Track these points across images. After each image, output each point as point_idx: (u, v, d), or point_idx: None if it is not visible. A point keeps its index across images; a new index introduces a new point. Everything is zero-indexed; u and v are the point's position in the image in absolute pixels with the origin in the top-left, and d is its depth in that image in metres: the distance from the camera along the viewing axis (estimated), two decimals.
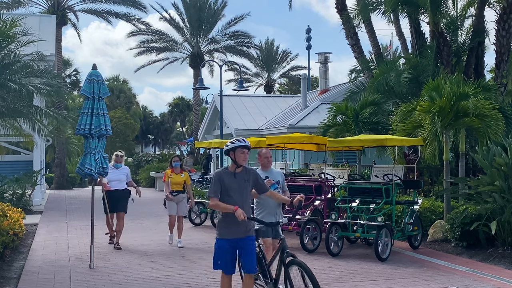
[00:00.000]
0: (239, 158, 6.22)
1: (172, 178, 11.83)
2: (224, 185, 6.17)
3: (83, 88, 9.84)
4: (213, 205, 6.23)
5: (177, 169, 11.89)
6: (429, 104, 12.10)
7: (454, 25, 17.41)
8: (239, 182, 6.24)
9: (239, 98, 29.67)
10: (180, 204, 11.82)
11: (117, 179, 11.69)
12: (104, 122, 9.71)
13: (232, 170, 6.26)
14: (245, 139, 6.37)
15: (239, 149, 6.22)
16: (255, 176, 6.42)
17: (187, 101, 69.51)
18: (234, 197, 6.17)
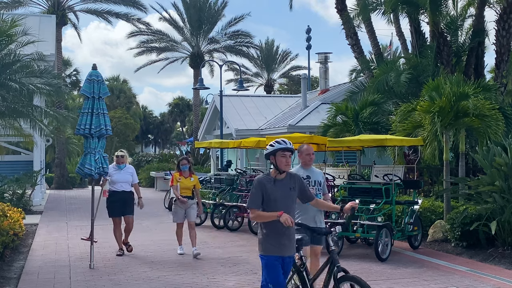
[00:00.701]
0: (280, 163, 5.38)
1: (181, 182, 10.74)
2: (266, 194, 5.33)
3: (83, 88, 9.84)
4: (254, 217, 5.39)
5: (186, 172, 10.82)
6: (429, 104, 12.10)
7: (454, 25, 17.42)
8: (283, 190, 5.39)
9: (239, 98, 29.67)
10: (189, 210, 10.75)
11: (122, 180, 10.84)
12: (104, 122, 9.71)
13: (274, 176, 5.42)
14: (288, 141, 5.49)
15: (280, 153, 5.38)
16: (300, 183, 5.58)
17: (187, 101, 69.56)
18: (278, 207, 5.32)
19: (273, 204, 5.32)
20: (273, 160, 5.41)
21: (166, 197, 19.88)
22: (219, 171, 18.65)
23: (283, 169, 5.40)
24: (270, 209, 5.29)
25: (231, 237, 13.04)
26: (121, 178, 10.84)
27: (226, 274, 9.11)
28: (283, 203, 5.36)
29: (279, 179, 5.40)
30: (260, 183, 5.36)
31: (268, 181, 5.37)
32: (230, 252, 11.15)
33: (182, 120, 72.83)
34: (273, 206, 5.31)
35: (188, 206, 10.74)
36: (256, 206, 5.35)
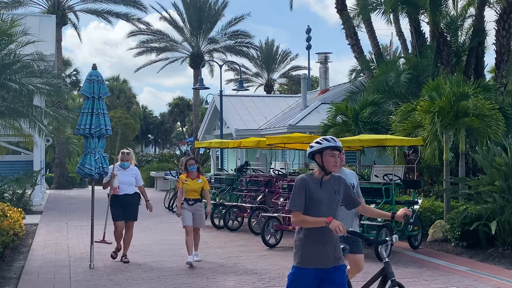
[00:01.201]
0: (328, 163, 4.73)
1: (188, 184, 9.98)
2: (310, 196, 4.71)
3: (83, 88, 9.85)
4: (298, 221, 4.72)
5: (194, 173, 10.07)
6: (429, 104, 12.11)
7: (454, 25, 17.43)
8: (328, 193, 4.77)
9: (239, 98, 29.67)
10: (197, 215, 10.01)
11: (125, 181, 10.10)
12: (104, 122, 9.71)
13: (319, 177, 4.79)
14: (336, 138, 4.88)
15: (328, 151, 4.74)
16: (345, 186, 4.93)
17: (187, 101, 69.54)
18: (322, 212, 4.69)
19: (316, 207, 4.70)
20: (318, 159, 4.76)
21: (166, 197, 19.89)
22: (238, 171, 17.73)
23: (330, 170, 4.77)
24: (312, 213, 4.68)
25: (231, 237, 13.04)
26: (123, 180, 10.10)
27: (226, 274, 9.11)
28: (328, 208, 4.74)
29: (325, 180, 4.80)
30: (303, 183, 4.74)
31: (312, 181, 4.76)
32: (230, 252, 11.15)
33: (182, 120, 72.83)
34: (316, 210, 4.70)
35: (196, 210, 10.01)
36: (299, 208, 4.70)
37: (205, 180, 10.29)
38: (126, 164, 10.30)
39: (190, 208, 9.97)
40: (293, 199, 4.76)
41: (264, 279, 8.72)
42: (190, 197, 9.99)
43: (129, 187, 10.18)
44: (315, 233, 4.68)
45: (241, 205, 14.30)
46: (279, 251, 11.18)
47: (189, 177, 10.08)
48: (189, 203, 9.98)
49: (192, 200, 10.00)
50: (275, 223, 11.83)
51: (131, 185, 10.21)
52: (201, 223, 10.12)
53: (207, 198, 10.36)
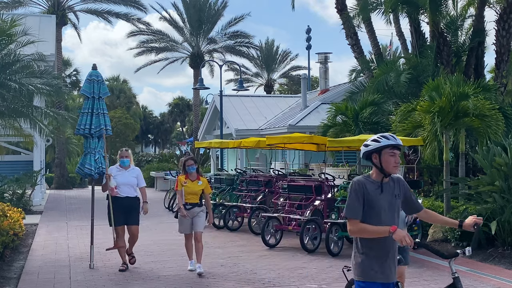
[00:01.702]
0: (387, 164, 4.18)
1: (187, 186, 9.16)
2: (368, 201, 4.17)
3: (83, 88, 9.85)
4: (356, 230, 4.16)
5: (193, 174, 9.23)
6: (429, 104, 12.11)
7: (454, 25, 17.43)
8: (389, 197, 4.23)
9: (239, 98, 29.67)
10: (197, 219, 9.21)
11: (126, 182, 9.37)
12: (104, 122, 9.72)
13: (378, 179, 4.24)
14: (395, 136, 4.30)
15: (388, 151, 4.19)
16: (405, 189, 4.37)
17: (187, 101, 69.54)
18: (383, 219, 4.18)
19: (376, 214, 4.16)
20: (376, 159, 4.21)
21: (166, 197, 19.89)
22: None
23: (390, 172, 4.21)
24: (372, 221, 4.14)
25: (231, 237, 13.04)
26: (124, 181, 9.37)
27: (226, 274, 9.11)
28: (389, 214, 4.21)
29: (385, 183, 4.24)
30: (360, 186, 4.18)
31: (370, 184, 4.20)
32: (230, 252, 11.15)
33: (182, 120, 72.82)
34: (376, 217, 4.15)
35: (195, 215, 9.23)
36: (356, 215, 4.15)
37: (206, 182, 9.39)
38: (126, 161, 9.50)
39: (188, 213, 9.16)
40: (349, 205, 4.18)
41: (264, 279, 8.72)
42: (188, 201, 9.18)
43: (131, 189, 9.43)
44: (376, 244, 4.16)
45: (241, 205, 14.29)
46: (279, 251, 11.18)
47: (188, 178, 9.21)
48: (186, 208, 9.15)
49: (190, 205, 9.17)
50: (275, 223, 11.83)
51: (133, 187, 9.46)
52: (201, 226, 9.22)
53: (208, 204, 9.45)
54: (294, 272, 9.19)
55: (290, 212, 11.84)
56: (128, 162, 9.54)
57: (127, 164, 9.53)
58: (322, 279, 8.66)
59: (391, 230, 4.02)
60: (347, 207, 4.20)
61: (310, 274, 9.05)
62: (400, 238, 3.98)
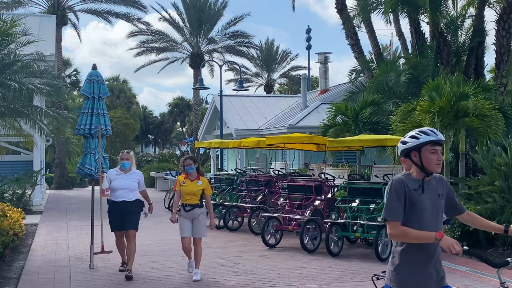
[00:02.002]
0: (429, 161, 3.81)
1: (186, 186, 8.62)
2: (410, 201, 3.80)
3: (83, 88, 9.86)
4: (397, 234, 3.78)
5: (193, 174, 8.72)
6: (429, 104, 12.11)
7: (454, 25, 17.44)
8: (432, 197, 3.86)
9: (239, 98, 29.67)
10: (197, 222, 8.65)
11: (124, 186, 8.93)
12: (104, 122, 9.72)
13: (419, 178, 3.86)
14: (436, 131, 3.90)
15: (429, 147, 3.81)
16: (448, 189, 4.01)
17: (187, 101, 69.53)
18: (426, 222, 3.80)
19: (418, 216, 3.79)
20: (415, 157, 3.84)
21: (166, 197, 19.90)
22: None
23: (432, 170, 3.83)
24: (414, 224, 3.77)
25: (231, 237, 13.04)
26: (122, 184, 8.92)
27: (226, 274, 9.11)
28: (433, 216, 3.85)
29: (426, 182, 3.88)
30: (401, 185, 3.81)
31: (412, 183, 3.83)
32: (230, 252, 11.15)
33: (182, 120, 72.82)
34: (418, 219, 3.79)
35: (195, 217, 8.67)
36: (397, 217, 3.77)
37: (206, 182, 8.82)
38: (127, 164, 9.06)
39: (187, 215, 8.64)
40: (389, 206, 3.80)
41: (264, 279, 8.72)
42: (187, 202, 8.62)
43: (129, 193, 8.93)
44: (418, 250, 3.79)
45: (241, 205, 14.29)
46: (279, 251, 11.18)
47: (187, 178, 8.72)
48: (186, 209, 8.62)
49: (190, 206, 8.61)
50: (275, 223, 11.82)
51: (132, 191, 8.96)
52: (201, 232, 8.70)
53: (209, 205, 8.86)
54: (294, 272, 9.19)
55: (290, 212, 11.84)
56: (128, 165, 9.07)
57: (127, 167, 9.06)
58: (322, 279, 8.66)
59: (438, 236, 3.66)
60: (387, 208, 3.82)
61: (310, 274, 9.05)
62: (448, 246, 3.62)
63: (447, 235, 3.66)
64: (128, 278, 8.71)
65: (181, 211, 8.69)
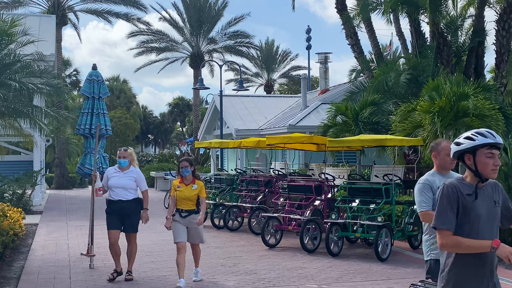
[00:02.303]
0: (484, 166, 3.52)
1: (181, 191, 8.15)
2: (464, 209, 3.51)
3: (83, 88, 9.87)
4: (449, 244, 3.50)
5: (188, 178, 8.21)
6: (429, 104, 12.11)
7: (454, 25, 17.43)
8: (487, 205, 3.57)
9: (239, 98, 29.67)
10: (193, 228, 8.25)
11: (120, 185, 8.58)
12: (104, 122, 9.73)
13: (473, 183, 3.56)
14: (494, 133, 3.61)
15: (485, 151, 3.52)
16: (504, 196, 3.71)
17: (187, 101, 69.56)
18: (480, 231, 3.53)
19: (471, 225, 3.51)
20: (469, 160, 3.54)
21: (166, 197, 19.91)
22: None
23: (488, 176, 3.54)
24: (468, 233, 3.49)
25: (231, 237, 13.04)
26: (117, 183, 8.58)
27: (226, 274, 9.11)
28: (488, 225, 3.56)
29: (481, 188, 3.58)
30: (454, 191, 3.51)
31: (465, 189, 3.53)
32: (230, 252, 11.15)
33: (182, 120, 72.82)
34: (472, 228, 3.51)
35: (192, 223, 8.23)
36: (449, 226, 3.48)
37: (202, 186, 8.32)
38: (124, 162, 8.66)
39: (183, 221, 8.18)
40: (440, 214, 3.51)
41: (264, 279, 8.72)
42: (183, 207, 8.15)
43: (125, 192, 8.58)
44: (473, 260, 3.52)
45: (241, 205, 14.30)
46: (279, 251, 11.18)
47: (182, 182, 8.24)
48: (181, 215, 8.16)
49: (186, 212, 8.15)
50: (275, 223, 11.83)
51: (129, 190, 8.61)
52: (199, 238, 8.39)
53: (202, 207, 8.30)
54: (294, 272, 9.20)
55: (290, 212, 11.84)
56: (125, 163, 8.68)
57: (125, 165, 8.69)
58: (322, 279, 8.67)
59: (494, 244, 3.39)
60: (438, 216, 3.51)
61: (310, 274, 9.05)
62: (507, 255, 3.37)
63: None
64: (128, 280, 8.60)
65: (175, 216, 8.19)
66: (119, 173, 8.66)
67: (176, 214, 8.20)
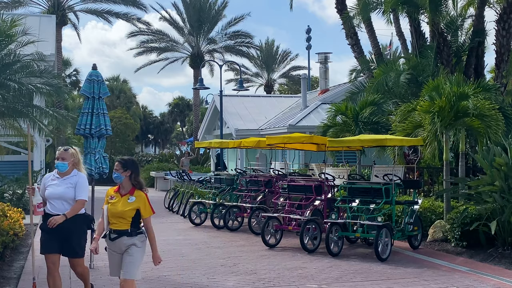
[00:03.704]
0: None
1: (113, 203, 6.01)
2: None
3: (83, 88, 9.86)
4: None
5: (124, 186, 6.06)
6: (429, 104, 12.11)
7: (454, 25, 17.43)
8: None
9: (239, 98, 29.68)
10: (127, 257, 6.02)
11: (57, 195, 6.66)
12: (104, 122, 9.72)
13: None
14: None
15: None
16: None
17: (187, 101, 69.57)
18: None
19: None
20: None
21: (166, 197, 19.93)
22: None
23: None
24: None
25: (231, 237, 13.04)
26: (53, 193, 6.69)
27: (226, 274, 9.11)
28: None
29: None
30: None
31: None
32: (230, 252, 11.14)
33: (182, 120, 72.82)
34: None
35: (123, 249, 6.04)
36: None
37: (143, 199, 6.01)
38: (62, 166, 6.70)
39: (113, 247, 6.07)
40: None
41: (264, 279, 8.72)
42: (113, 226, 5.99)
43: (63, 204, 6.66)
44: None
45: (241, 205, 14.30)
46: (279, 251, 11.18)
47: (118, 192, 6.09)
48: (110, 238, 6.03)
49: (115, 233, 5.98)
50: (275, 223, 11.82)
51: (68, 201, 6.65)
52: (129, 271, 6.00)
53: (149, 233, 6.12)
54: (294, 272, 9.20)
55: (290, 212, 11.84)
56: (64, 167, 6.71)
57: (63, 169, 6.72)
58: (322, 279, 8.67)
59: None
60: None
61: (310, 274, 9.05)
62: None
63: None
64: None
65: (106, 239, 6.10)
66: (57, 180, 6.77)
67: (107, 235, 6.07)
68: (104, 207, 6.06)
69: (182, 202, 17.15)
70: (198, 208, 15.22)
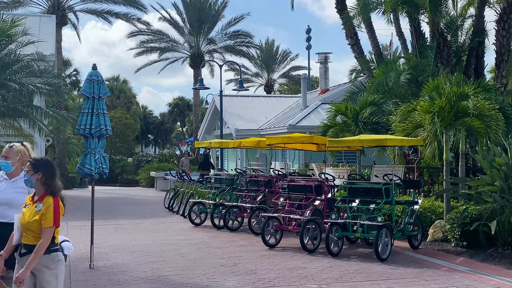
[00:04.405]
0: None
1: (23, 213, 5.18)
2: None
3: (83, 88, 9.85)
4: None
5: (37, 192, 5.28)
6: (429, 104, 12.11)
7: (454, 25, 17.44)
8: None
9: (239, 98, 29.68)
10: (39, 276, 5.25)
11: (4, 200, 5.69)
12: (104, 122, 9.72)
13: None
14: None
15: None
16: None
17: (187, 101, 69.57)
18: None
19: None
20: None
21: (166, 197, 19.92)
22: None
23: None
24: None
25: (231, 237, 13.04)
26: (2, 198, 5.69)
27: (226, 274, 9.11)
28: None
29: None
30: None
31: None
32: (230, 252, 11.14)
33: (182, 120, 72.83)
34: None
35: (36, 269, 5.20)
36: None
37: (49, 206, 5.20)
38: (6, 166, 5.75)
39: (23, 263, 5.20)
40: None
41: (264, 279, 8.72)
42: (23, 240, 5.20)
43: (10, 211, 5.61)
44: None
45: (241, 205, 14.29)
46: (279, 251, 11.18)
47: (32, 198, 5.28)
48: (20, 254, 5.25)
49: (25, 248, 5.15)
50: (275, 223, 11.82)
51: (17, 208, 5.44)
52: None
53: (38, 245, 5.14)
54: (294, 272, 9.20)
55: (290, 212, 11.84)
56: (8, 167, 5.74)
57: (8, 170, 5.77)
58: (322, 279, 8.67)
59: None
60: None
61: (310, 274, 9.05)
62: None
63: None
64: None
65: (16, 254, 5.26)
66: (4, 182, 5.79)
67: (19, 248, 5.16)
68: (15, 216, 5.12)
69: (182, 202, 17.14)
70: (198, 208, 15.22)
